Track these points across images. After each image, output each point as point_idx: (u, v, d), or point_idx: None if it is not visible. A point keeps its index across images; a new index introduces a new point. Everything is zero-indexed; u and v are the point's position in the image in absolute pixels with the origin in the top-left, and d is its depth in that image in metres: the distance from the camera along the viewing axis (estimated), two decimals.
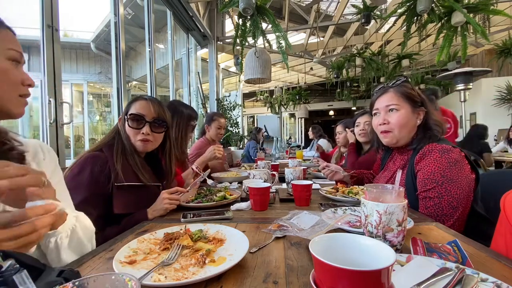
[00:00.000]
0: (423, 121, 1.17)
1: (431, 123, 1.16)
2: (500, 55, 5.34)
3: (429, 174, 1.04)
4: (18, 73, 0.63)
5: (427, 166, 1.06)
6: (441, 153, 1.05)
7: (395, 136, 1.18)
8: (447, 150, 1.05)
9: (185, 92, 5.03)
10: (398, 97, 1.17)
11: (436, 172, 1.03)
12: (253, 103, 12.58)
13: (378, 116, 1.22)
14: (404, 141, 1.19)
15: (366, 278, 0.37)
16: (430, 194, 1.03)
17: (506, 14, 3.01)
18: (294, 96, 8.23)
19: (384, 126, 1.19)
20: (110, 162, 1.08)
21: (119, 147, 1.15)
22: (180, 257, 0.65)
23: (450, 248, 0.64)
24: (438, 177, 1.02)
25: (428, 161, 1.06)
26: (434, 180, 1.03)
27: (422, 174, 1.07)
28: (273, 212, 1.11)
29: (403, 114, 1.15)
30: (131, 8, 4.68)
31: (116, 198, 1.04)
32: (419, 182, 1.08)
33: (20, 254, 0.41)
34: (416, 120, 1.17)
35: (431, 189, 1.03)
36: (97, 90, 7.88)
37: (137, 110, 1.17)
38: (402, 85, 1.19)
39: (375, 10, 4.05)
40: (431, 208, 1.03)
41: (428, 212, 1.03)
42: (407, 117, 1.15)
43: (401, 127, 1.15)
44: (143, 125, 1.17)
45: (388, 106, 1.18)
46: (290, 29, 5.69)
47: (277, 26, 2.85)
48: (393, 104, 1.16)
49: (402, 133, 1.16)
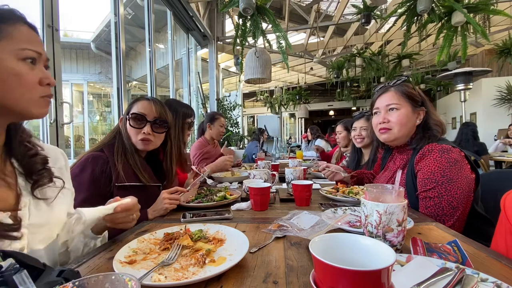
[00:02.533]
0: (423, 121, 1.17)
1: (431, 123, 1.16)
2: (500, 55, 5.34)
3: (429, 174, 1.04)
4: (34, 74, 0.59)
5: (427, 166, 1.06)
6: (441, 153, 1.05)
7: (393, 133, 1.17)
8: (447, 150, 1.05)
9: (185, 92, 5.03)
10: (399, 97, 1.17)
11: (436, 172, 1.03)
12: (253, 103, 12.58)
13: (379, 115, 1.23)
14: (403, 140, 1.20)
15: (366, 278, 0.37)
16: (430, 194, 1.03)
17: (506, 14, 3.01)
18: (294, 96, 8.23)
19: (384, 125, 1.19)
20: (111, 162, 1.09)
21: (120, 146, 1.16)
22: (180, 257, 0.65)
23: (450, 248, 0.64)
24: (438, 177, 1.02)
25: (428, 161, 1.06)
26: (434, 180, 1.03)
27: (422, 174, 1.08)
28: (273, 212, 1.11)
29: (403, 113, 1.15)
30: (131, 8, 4.68)
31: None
32: (419, 182, 1.08)
33: (20, 254, 0.41)
34: (416, 119, 1.17)
35: (431, 189, 1.03)
36: (97, 90, 7.89)
37: (139, 110, 1.18)
38: (403, 85, 1.20)
39: (375, 10, 4.05)
40: (431, 208, 1.03)
41: (429, 212, 1.03)
42: (407, 116, 1.15)
43: (401, 125, 1.15)
44: (144, 124, 1.18)
45: (388, 105, 1.18)
46: (290, 29, 5.69)
47: (277, 26, 2.85)
48: (394, 104, 1.17)
49: (402, 132, 1.16)
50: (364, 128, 2.03)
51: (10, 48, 0.56)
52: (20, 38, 0.57)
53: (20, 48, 0.57)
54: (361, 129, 2.05)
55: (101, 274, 0.34)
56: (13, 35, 0.56)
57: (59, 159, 0.78)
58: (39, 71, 0.61)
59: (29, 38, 0.59)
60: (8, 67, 0.55)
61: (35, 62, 0.60)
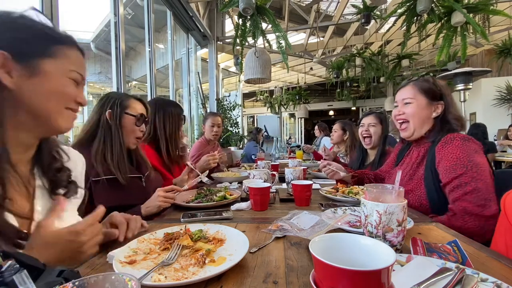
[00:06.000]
0: (441, 114, 1.19)
1: (449, 117, 1.18)
2: (499, 55, 5.35)
3: (455, 159, 1.04)
4: (74, 91, 0.65)
5: (450, 153, 1.06)
6: (463, 140, 1.07)
7: (410, 127, 1.23)
8: (468, 138, 1.08)
9: (185, 92, 5.03)
10: (415, 91, 1.22)
11: (462, 158, 1.03)
12: (253, 103, 12.57)
13: (397, 108, 1.30)
14: (420, 132, 1.22)
15: (366, 278, 0.37)
16: (464, 179, 1.00)
17: (506, 14, 3.02)
18: (294, 96, 8.22)
19: (400, 116, 1.26)
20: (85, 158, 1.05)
21: (102, 142, 1.13)
22: (180, 257, 0.65)
23: (450, 248, 0.64)
24: (465, 161, 1.02)
25: (451, 147, 1.07)
26: (462, 164, 1.02)
27: (447, 161, 1.07)
28: (273, 212, 1.11)
29: (415, 107, 1.21)
30: (131, 8, 4.68)
31: (96, 193, 1.03)
32: (446, 169, 1.06)
33: (20, 254, 0.41)
34: (432, 112, 1.20)
35: (463, 174, 1.01)
36: (97, 90, 7.88)
37: (139, 111, 1.24)
38: (422, 79, 1.26)
39: (375, 10, 4.05)
40: (470, 194, 0.98)
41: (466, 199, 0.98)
42: (421, 108, 1.20)
43: (414, 117, 1.21)
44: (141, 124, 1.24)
45: (404, 99, 1.25)
46: (290, 29, 5.69)
47: (277, 26, 2.85)
48: (408, 98, 1.23)
49: (416, 123, 1.21)
50: (372, 125, 1.99)
51: (63, 67, 0.62)
52: (72, 60, 0.64)
53: (70, 69, 0.63)
54: (369, 125, 2.00)
55: (101, 274, 0.34)
56: (68, 56, 0.63)
57: (78, 165, 0.80)
58: (78, 92, 0.67)
59: (79, 62, 0.66)
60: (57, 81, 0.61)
61: (78, 84, 0.67)
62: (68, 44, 0.64)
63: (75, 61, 0.64)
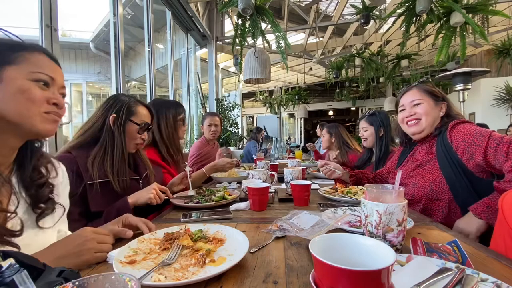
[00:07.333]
0: (445, 113, 1.27)
1: (453, 114, 1.27)
2: (499, 55, 5.36)
3: (473, 132, 1.09)
4: (42, 92, 0.64)
5: (463, 130, 1.12)
6: (469, 123, 1.16)
7: (422, 124, 1.26)
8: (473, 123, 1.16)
9: (184, 92, 5.03)
10: (421, 93, 1.28)
11: (478, 129, 1.08)
12: (253, 103, 12.57)
13: (404, 111, 1.33)
14: (429, 130, 1.27)
15: (366, 278, 0.37)
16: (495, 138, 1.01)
17: (505, 15, 3.02)
18: (293, 96, 8.22)
19: (412, 117, 1.29)
20: (81, 161, 1.04)
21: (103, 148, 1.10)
22: (180, 257, 0.65)
23: (450, 248, 0.64)
24: (482, 130, 1.06)
25: (462, 126, 1.14)
26: (481, 133, 1.06)
27: (466, 136, 1.10)
28: (272, 212, 1.11)
29: (426, 106, 1.26)
30: (130, 8, 4.68)
31: (91, 196, 1.01)
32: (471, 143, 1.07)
33: (20, 254, 0.41)
34: (439, 112, 1.27)
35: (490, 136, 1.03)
36: (96, 90, 7.86)
37: (144, 119, 1.21)
38: (423, 83, 1.32)
39: (374, 11, 4.06)
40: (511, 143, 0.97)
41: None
42: (431, 108, 1.26)
43: (427, 115, 1.25)
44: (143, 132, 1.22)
45: (412, 102, 1.29)
46: (289, 29, 5.69)
47: (277, 26, 2.85)
48: (417, 99, 1.28)
49: (428, 121, 1.25)
50: (364, 129, 2.12)
51: (23, 70, 0.62)
52: (34, 63, 0.64)
53: (32, 71, 0.63)
54: (362, 129, 2.15)
55: (101, 274, 0.34)
56: (29, 60, 0.63)
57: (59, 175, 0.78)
58: (49, 92, 0.65)
59: (43, 64, 0.65)
60: (18, 84, 0.61)
61: (48, 86, 0.66)
62: (30, 50, 0.64)
63: (36, 63, 0.64)
